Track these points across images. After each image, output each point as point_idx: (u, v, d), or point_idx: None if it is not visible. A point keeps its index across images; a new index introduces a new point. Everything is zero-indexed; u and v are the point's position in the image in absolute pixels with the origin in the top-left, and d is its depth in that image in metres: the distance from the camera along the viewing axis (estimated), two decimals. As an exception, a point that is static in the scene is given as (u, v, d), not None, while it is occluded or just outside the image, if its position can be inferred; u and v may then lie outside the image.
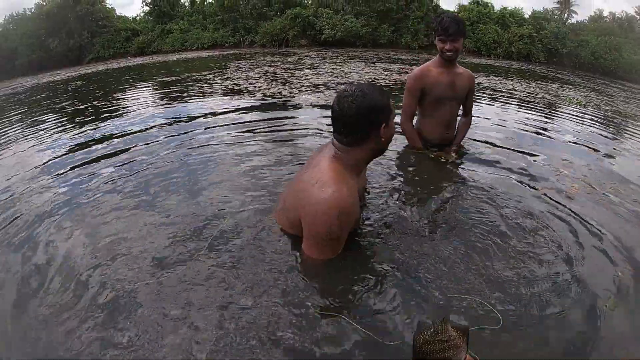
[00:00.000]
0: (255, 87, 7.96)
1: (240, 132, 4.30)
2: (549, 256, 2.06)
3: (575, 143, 4.67)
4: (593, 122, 6.59)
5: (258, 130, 4.37)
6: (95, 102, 7.00)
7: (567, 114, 7.17)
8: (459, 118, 3.55)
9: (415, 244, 2.09)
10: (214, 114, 5.40)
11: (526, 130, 5.05)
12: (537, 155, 3.84)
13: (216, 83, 8.84)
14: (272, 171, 3.05)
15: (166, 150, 3.76)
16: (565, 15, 40.70)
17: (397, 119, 2.44)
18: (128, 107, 6.57)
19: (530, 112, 6.81)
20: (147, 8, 32.80)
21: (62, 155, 3.93)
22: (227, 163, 3.31)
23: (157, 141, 4.12)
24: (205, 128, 4.56)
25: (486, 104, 7.32)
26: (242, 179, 2.94)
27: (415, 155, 3.35)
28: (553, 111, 7.44)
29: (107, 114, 5.84)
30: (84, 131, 4.87)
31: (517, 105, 7.64)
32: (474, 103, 3.61)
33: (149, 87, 9.65)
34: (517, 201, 2.67)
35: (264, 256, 1.91)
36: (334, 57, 16.66)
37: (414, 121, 3.45)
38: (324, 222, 1.74)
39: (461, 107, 3.49)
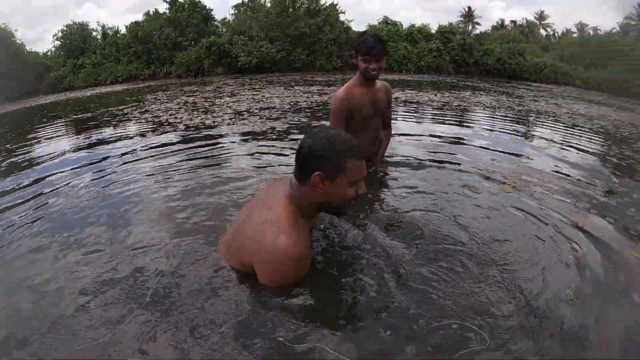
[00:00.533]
0: (176, 118, 7.96)
1: (164, 164, 4.29)
2: (516, 262, 2.10)
3: (497, 143, 5.04)
4: (511, 122, 7.31)
5: (183, 160, 4.39)
6: (8, 145, 6.71)
7: (484, 117, 7.87)
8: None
9: (377, 267, 2.03)
10: (134, 148, 5.34)
11: (448, 136, 5.39)
12: (466, 158, 4.11)
13: (134, 117, 8.69)
14: (205, 200, 2.98)
15: (84, 189, 3.60)
16: (470, 27, 44.16)
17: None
18: (42, 147, 6.34)
19: (449, 118, 7.44)
20: (58, 42, 31.47)
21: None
22: (152, 197, 3.22)
23: (74, 179, 3.98)
24: (125, 162, 4.49)
25: (405, 114, 7.85)
26: (172, 212, 2.81)
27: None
28: (471, 116, 8.16)
29: (21, 156, 5.65)
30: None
31: (436, 113, 8.19)
32: (394, 114, 3.73)
33: (63, 125, 9.28)
34: (463, 205, 2.81)
35: (216, 298, 1.81)
36: (253, 83, 16.90)
37: None
38: (280, 271, 1.77)
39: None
